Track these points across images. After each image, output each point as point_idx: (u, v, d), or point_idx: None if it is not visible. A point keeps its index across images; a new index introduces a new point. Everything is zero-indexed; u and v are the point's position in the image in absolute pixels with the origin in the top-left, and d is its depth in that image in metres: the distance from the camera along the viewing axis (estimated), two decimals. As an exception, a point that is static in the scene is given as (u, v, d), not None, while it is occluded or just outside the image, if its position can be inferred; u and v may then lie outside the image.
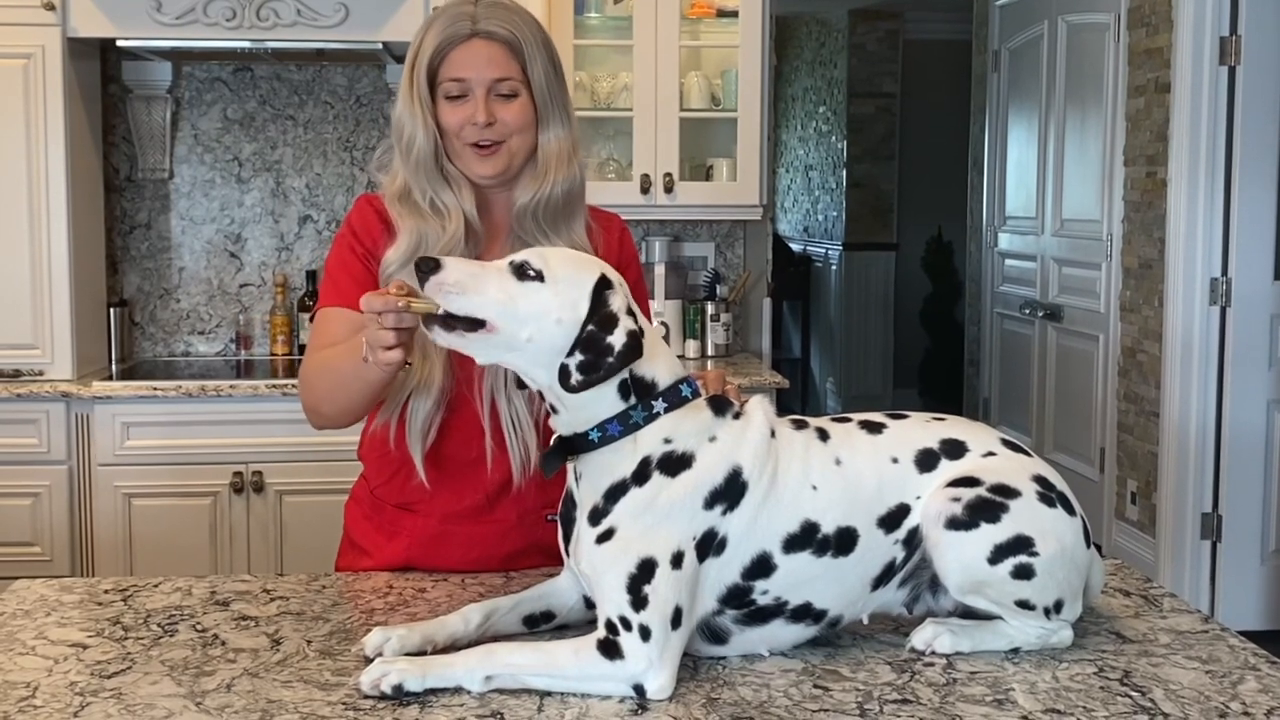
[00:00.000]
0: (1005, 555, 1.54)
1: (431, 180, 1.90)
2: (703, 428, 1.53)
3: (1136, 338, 4.93)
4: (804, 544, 1.53)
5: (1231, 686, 1.49)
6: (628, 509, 1.49)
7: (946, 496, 1.56)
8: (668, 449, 1.51)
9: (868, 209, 8.65)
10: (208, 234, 4.31)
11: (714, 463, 1.51)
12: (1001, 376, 6.36)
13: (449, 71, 1.88)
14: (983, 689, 1.48)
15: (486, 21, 1.88)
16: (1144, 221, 4.84)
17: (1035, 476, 1.60)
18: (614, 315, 1.48)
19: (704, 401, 1.55)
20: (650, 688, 1.44)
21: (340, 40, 3.82)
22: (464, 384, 1.91)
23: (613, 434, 1.51)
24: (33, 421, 3.69)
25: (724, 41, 4.27)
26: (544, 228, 1.92)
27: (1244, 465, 4.54)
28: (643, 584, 1.45)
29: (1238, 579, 4.57)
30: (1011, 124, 6.22)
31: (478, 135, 1.88)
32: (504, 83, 1.88)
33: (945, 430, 1.64)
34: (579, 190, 1.95)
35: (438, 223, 1.89)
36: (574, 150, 1.94)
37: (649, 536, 1.47)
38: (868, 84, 8.59)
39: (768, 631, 1.56)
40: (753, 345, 4.55)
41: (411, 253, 1.86)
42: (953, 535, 1.54)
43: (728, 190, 4.25)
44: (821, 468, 1.57)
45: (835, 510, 1.55)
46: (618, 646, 1.44)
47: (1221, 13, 4.43)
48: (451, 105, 1.89)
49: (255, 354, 4.32)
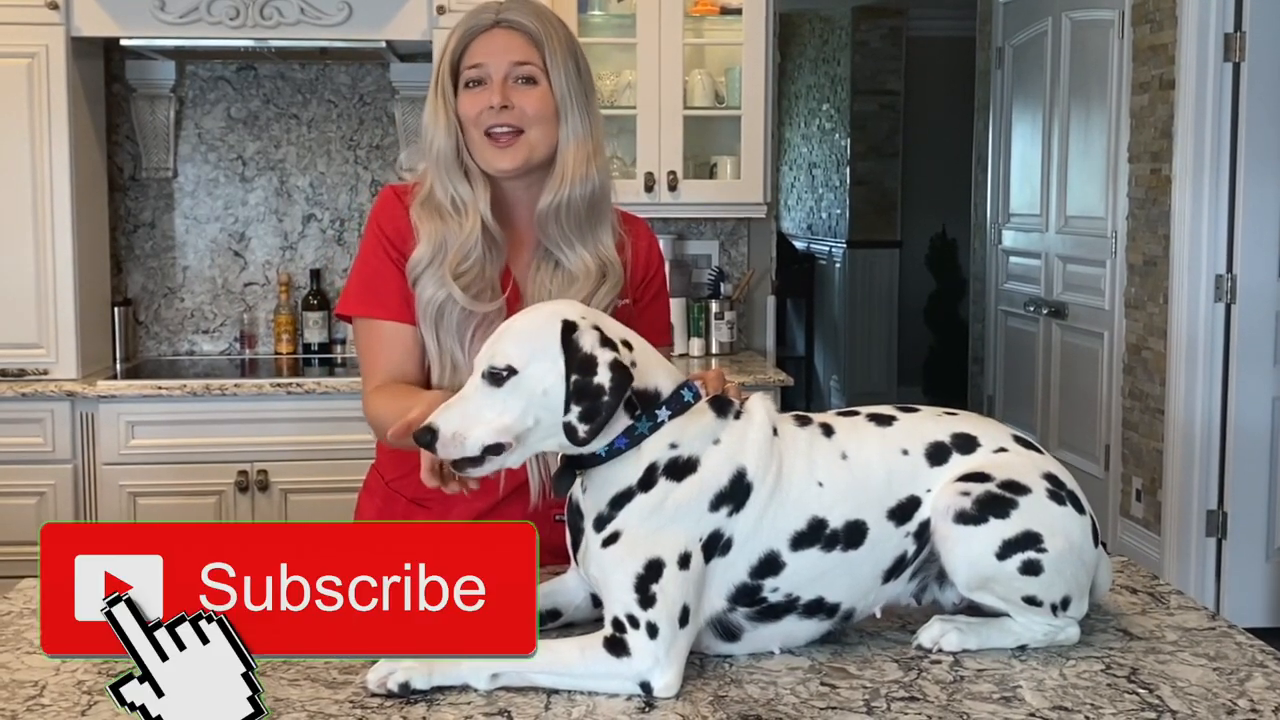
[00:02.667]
0: (1013, 551, 1.54)
1: (452, 175, 1.89)
2: (707, 431, 1.53)
3: (1141, 335, 4.92)
4: (812, 540, 1.53)
5: (1239, 683, 1.49)
6: (634, 513, 1.49)
7: (956, 491, 1.56)
8: (674, 454, 1.51)
9: (871, 206, 8.64)
10: (212, 233, 4.31)
11: (719, 465, 1.52)
12: (1006, 374, 6.35)
13: (469, 60, 1.89)
14: (990, 686, 1.48)
15: (510, 13, 1.89)
16: (1148, 218, 4.84)
17: (1046, 474, 1.60)
18: (591, 357, 1.47)
19: (706, 404, 1.55)
20: (657, 685, 1.44)
21: (343, 39, 3.82)
22: None
23: (619, 447, 1.51)
24: (38, 421, 3.70)
25: (727, 39, 4.26)
26: (568, 234, 1.89)
27: (1249, 462, 4.54)
28: (650, 583, 1.46)
29: (1243, 576, 4.56)
30: (1015, 121, 6.21)
31: (494, 119, 1.86)
32: (522, 66, 1.87)
33: (957, 424, 1.64)
34: (603, 196, 1.92)
35: (456, 222, 1.88)
36: (595, 154, 1.90)
37: (655, 538, 1.47)
38: (871, 81, 8.58)
39: (781, 628, 1.56)
40: (757, 343, 4.55)
41: (434, 255, 1.86)
42: (962, 530, 1.54)
43: (731, 188, 4.24)
44: (827, 463, 1.57)
45: (843, 505, 1.55)
46: (624, 644, 1.44)
47: (1226, 9, 4.42)
48: (470, 93, 1.88)
49: (260, 353, 4.32)
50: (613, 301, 1.90)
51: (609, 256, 1.91)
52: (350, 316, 1.98)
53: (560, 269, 1.90)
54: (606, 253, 1.91)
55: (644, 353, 1.55)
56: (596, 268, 1.89)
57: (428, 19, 3.80)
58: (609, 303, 1.89)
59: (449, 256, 1.86)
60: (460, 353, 1.87)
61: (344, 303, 1.98)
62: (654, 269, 2.01)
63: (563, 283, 1.89)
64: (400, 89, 4.25)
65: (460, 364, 1.87)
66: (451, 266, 1.86)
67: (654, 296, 2.02)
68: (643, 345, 1.57)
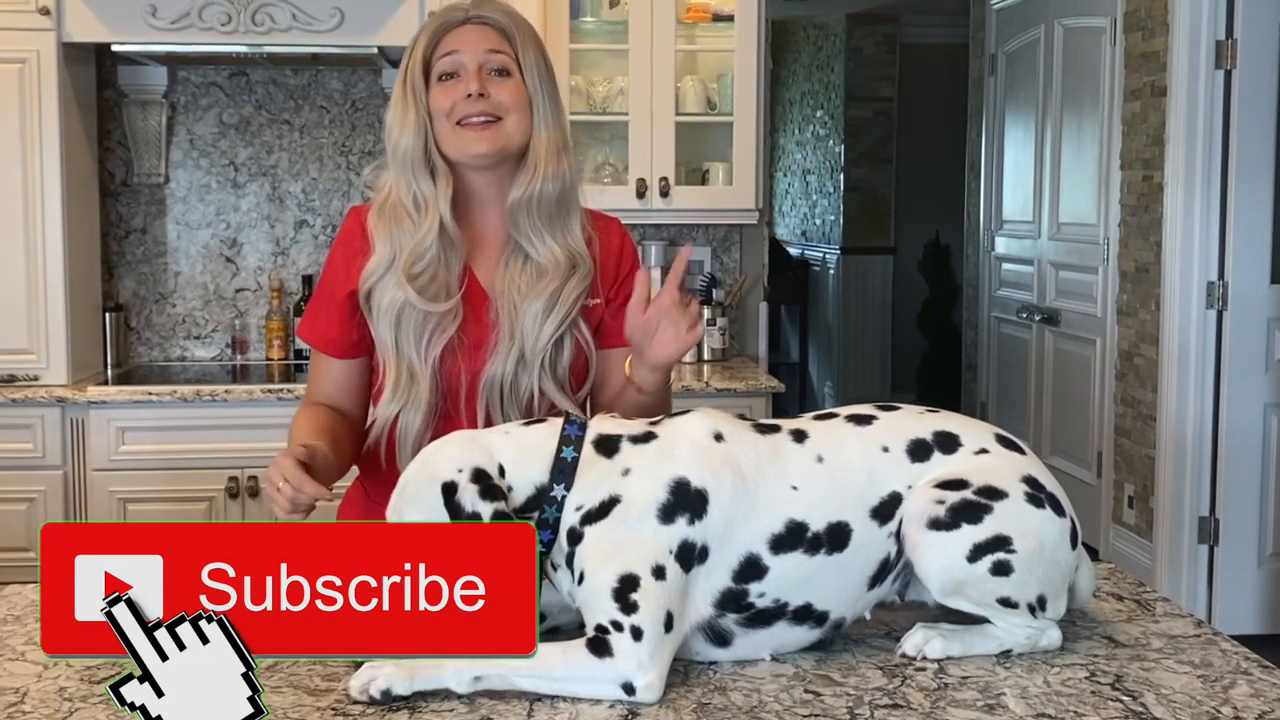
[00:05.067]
0: (983, 553, 1.55)
1: (416, 172, 1.90)
2: (606, 473, 1.54)
3: (1133, 341, 4.93)
4: (793, 544, 1.53)
5: (1223, 691, 1.49)
6: (589, 555, 1.50)
7: (931, 498, 1.56)
8: (587, 510, 1.52)
9: (865, 213, 8.65)
10: (203, 238, 4.31)
11: (644, 486, 1.52)
12: (999, 380, 6.36)
13: (442, 50, 1.90)
14: (974, 694, 1.48)
15: (480, 9, 1.93)
16: (1141, 225, 4.84)
17: (1025, 477, 1.60)
18: (475, 515, 1.49)
19: (593, 452, 1.55)
20: (639, 685, 1.44)
21: (336, 45, 3.82)
22: (451, 401, 1.91)
23: (546, 540, 1.53)
24: (28, 426, 3.69)
25: (720, 45, 4.27)
26: (538, 226, 1.91)
27: (1241, 469, 4.54)
28: (629, 593, 1.46)
29: (1235, 583, 4.56)
30: (1008, 128, 6.22)
31: (470, 108, 1.87)
32: (496, 56, 1.89)
33: (939, 422, 1.65)
34: (571, 190, 1.94)
35: (413, 223, 1.89)
36: (564, 148, 1.93)
37: (622, 557, 1.48)
38: (865, 88, 8.60)
39: (771, 634, 1.56)
40: (750, 349, 4.55)
41: (390, 260, 1.89)
42: (933, 535, 1.55)
43: (724, 194, 4.25)
44: (801, 468, 1.57)
45: (823, 507, 1.55)
46: (607, 645, 1.45)
47: (1217, 16, 4.43)
48: (443, 86, 1.90)
49: (251, 359, 4.31)
50: (582, 295, 1.92)
51: (578, 249, 1.93)
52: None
53: (530, 262, 1.92)
54: (576, 245, 1.93)
55: (515, 457, 1.55)
56: (566, 260, 1.91)
57: (419, 25, 3.78)
58: (579, 294, 1.91)
59: (402, 260, 1.88)
60: (417, 361, 1.88)
61: (300, 324, 2.08)
62: (626, 269, 2.01)
63: (532, 276, 1.91)
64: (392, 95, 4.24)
65: (417, 374, 1.89)
66: (405, 267, 1.87)
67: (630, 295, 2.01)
68: (512, 445, 1.56)
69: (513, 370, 1.89)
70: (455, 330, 1.90)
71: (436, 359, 1.89)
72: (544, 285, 1.89)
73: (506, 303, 1.91)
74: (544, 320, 1.89)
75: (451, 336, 1.90)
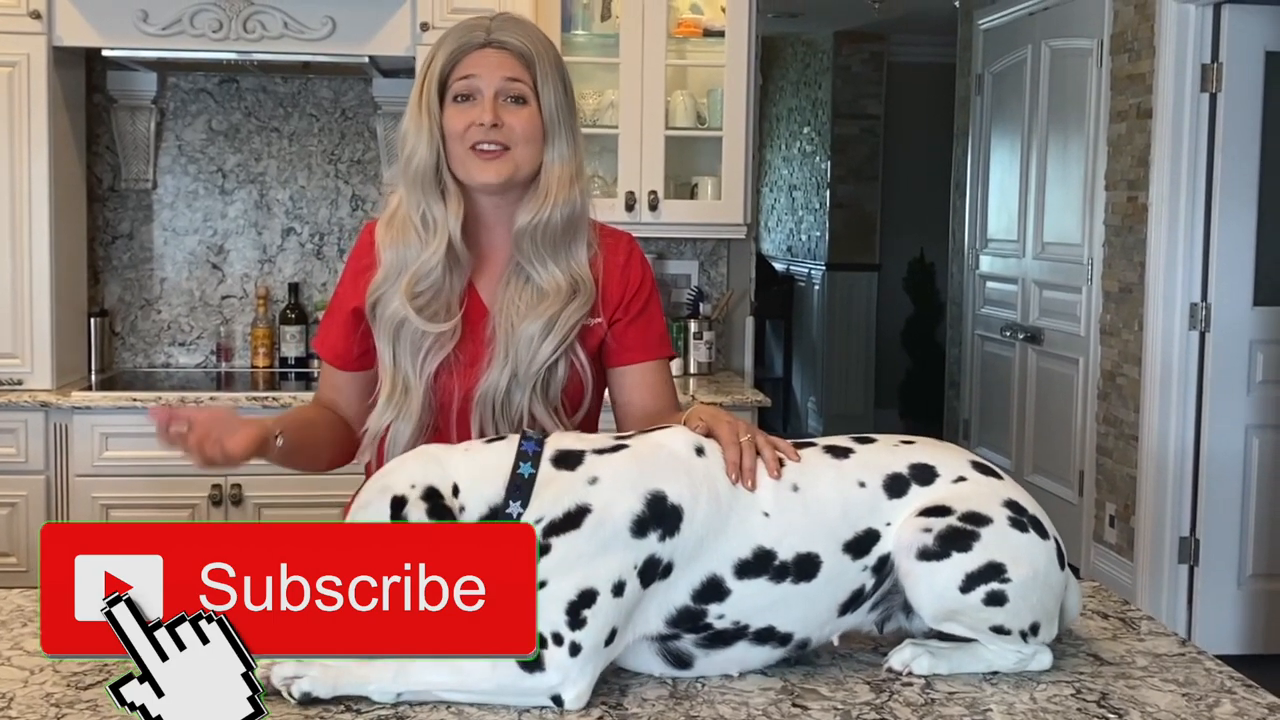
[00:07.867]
0: (977, 583, 1.54)
1: (427, 192, 1.89)
2: (568, 484, 1.51)
3: (1116, 361, 4.95)
4: (759, 570, 1.53)
5: (1208, 709, 1.50)
6: (554, 564, 1.46)
7: (918, 527, 1.56)
8: (548, 522, 1.48)
9: (851, 229, 8.68)
10: (190, 245, 4.30)
11: (617, 498, 1.50)
12: (982, 398, 6.38)
13: (459, 73, 1.88)
14: (960, 709, 1.48)
15: (501, 33, 1.89)
16: (1124, 246, 4.87)
17: (1006, 501, 1.60)
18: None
19: (551, 468, 1.53)
20: (568, 697, 1.44)
21: (327, 53, 3.82)
22: (443, 416, 1.92)
23: None
24: (11, 431, 3.67)
25: (710, 61, 4.28)
26: (542, 252, 1.90)
27: (1222, 489, 4.56)
28: (583, 609, 1.45)
29: (1215, 603, 4.58)
30: (994, 147, 6.25)
31: (482, 135, 1.86)
32: (514, 84, 1.88)
33: (914, 454, 1.64)
34: (580, 216, 1.93)
35: (420, 241, 1.89)
36: (578, 175, 1.92)
37: (585, 572, 1.46)
38: (852, 105, 8.63)
39: (733, 654, 1.55)
40: (735, 364, 4.56)
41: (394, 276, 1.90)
42: (924, 566, 1.54)
43: (712, 209, 4.26)
44: (774, 495, 1.56)
45: (793, 537, 1.54)
46: (540, 660, 1.43)
47: (1203, 40, 4.46)
48: (458, 108, 1.88)
49: (236, 366, 4.30)
50: (581, 319, 1.91)
51: (581, 274, 1.92)
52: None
53: (530, 284, 1.91)
54: (580, 270, 1.92)
55: (471, 476, 1.52)
56: (568, 285, 1.91)
57: (411, 35, 3.80)
58: (578, 319, 1.91)
59: (405, 277, 1.88)
60: (412, 374, 1.89)
61: (315, 334, 2.10)
62: (634, 286, 1.99)
63: (532, 298, 1.90)
64: (382, 104, 4.25)
65: (411, 388, 1.89)
66: (408, 286, 1.87)
67: (640, 311, 1.99)
68: (469, 463, 1.54)
69: (505, 388, 1.89)
70: (452, 348, 1.90)
71: (431, 375, 1.90)
72: (543, 308, 1.88)
73: (504, 321, 1.90)
74: (540, 342, 1.88)
75: (448, 354, 1.90)
